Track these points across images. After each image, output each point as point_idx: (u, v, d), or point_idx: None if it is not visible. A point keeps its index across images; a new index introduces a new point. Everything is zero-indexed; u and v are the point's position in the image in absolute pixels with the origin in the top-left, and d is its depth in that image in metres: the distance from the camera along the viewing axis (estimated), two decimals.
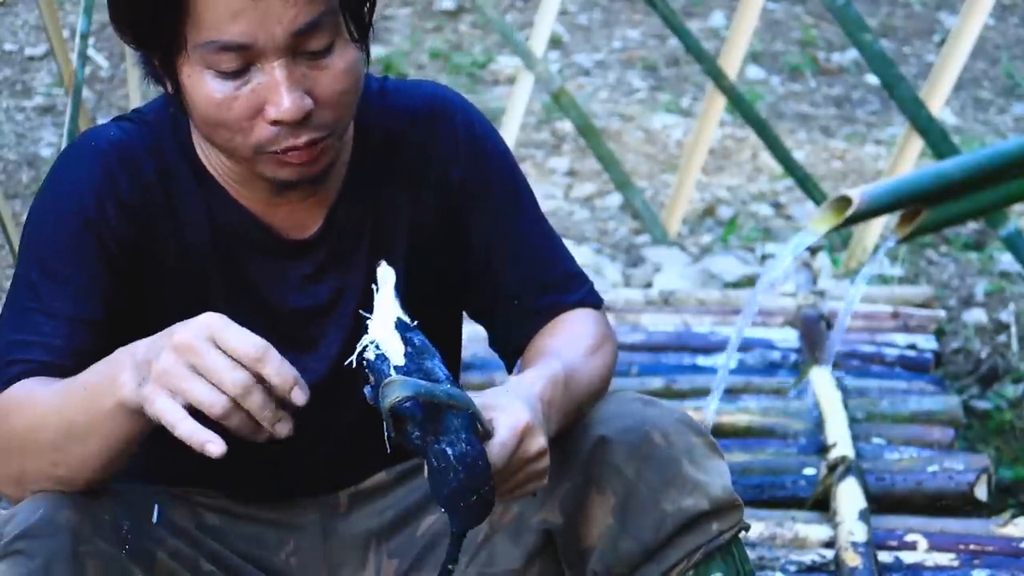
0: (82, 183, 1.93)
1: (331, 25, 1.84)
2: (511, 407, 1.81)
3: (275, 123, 1.84)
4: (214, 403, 1.68)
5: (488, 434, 1.78)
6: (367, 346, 1.77)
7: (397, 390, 1.73)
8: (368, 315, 1.79)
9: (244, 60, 1.82)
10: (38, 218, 1.95)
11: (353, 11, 1.87)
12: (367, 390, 1.76)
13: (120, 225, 1.93)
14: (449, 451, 1.75)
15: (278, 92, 1.83)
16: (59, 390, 1.81)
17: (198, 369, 1.69)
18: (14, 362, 1.87)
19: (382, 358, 1.75)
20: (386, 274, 1.82)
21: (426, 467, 1.76)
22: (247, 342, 1.69)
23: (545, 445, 1.83)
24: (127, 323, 1.94)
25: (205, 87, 1.84)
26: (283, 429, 1.72)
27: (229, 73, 1.83)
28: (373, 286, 1.80)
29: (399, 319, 1.78)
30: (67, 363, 1.88)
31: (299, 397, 1.72)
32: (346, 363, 1.78)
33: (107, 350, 1.91)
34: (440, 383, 1.75)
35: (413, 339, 1.77)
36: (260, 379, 1.70)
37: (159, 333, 1.74)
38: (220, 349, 1.69)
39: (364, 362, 1.76)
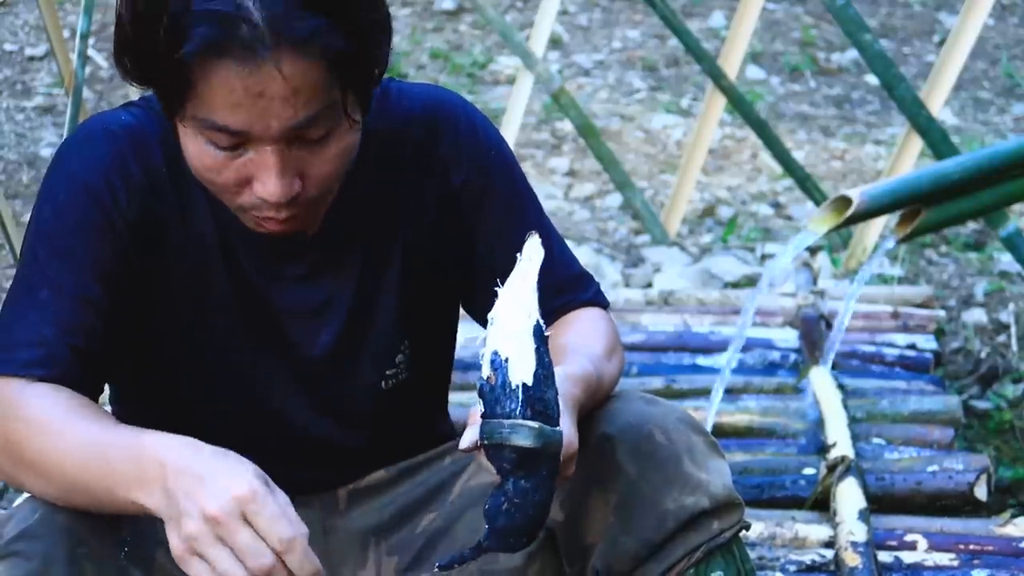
0: (93, 164, 1.92)
1: (331, 115, 1.83)
2: (566, 425, 1.81)
3: (260, 197, 1.85)
4: (236, 575, 1.68)
5: None
6: (487, 338, 1.72)
7: (525, 439, 1.71)
8: (500, 286, 1.74)
9: (239, 140, 1.82)
10: (47, 197, 1.94)
11: (357, 98, 1.86)
12: (481, 382, 1.74)
13: (129, 207, 1.92)
14: (531, 494, 1.74)
15: (268, 174, 1.82)
16: (81, 447, 1.78)
17: (226, 543, 1.68)
18: (23, 343, 1.86)
19: (509, 363, 1.72)
20: (534, 250, 1.76)
21: (500, 493, 1.75)
22: (276, 528, 1.68)
23: (573, 471, 1.84)
24: (134, 308, 1.94)
25: (198, 148, 1.84)
26: None
27: (222, 146, 1.83)
28: (517, 255, 1.76)
29: (538, 323, 1.73)
30: (74, 342, 1.87)
31: None
32: (476, 342, 1.75)
33: (113, 334, 1.91)
34: (554, 420, 1.73)
35: (544, 357, 1.73)
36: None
37: (189, 449, 1.72)
38: (250, 525, 1.68)
39: (487, 350, 1.73)
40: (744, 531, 2.00)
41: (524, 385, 1.72)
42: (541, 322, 1.74)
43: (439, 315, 2.12)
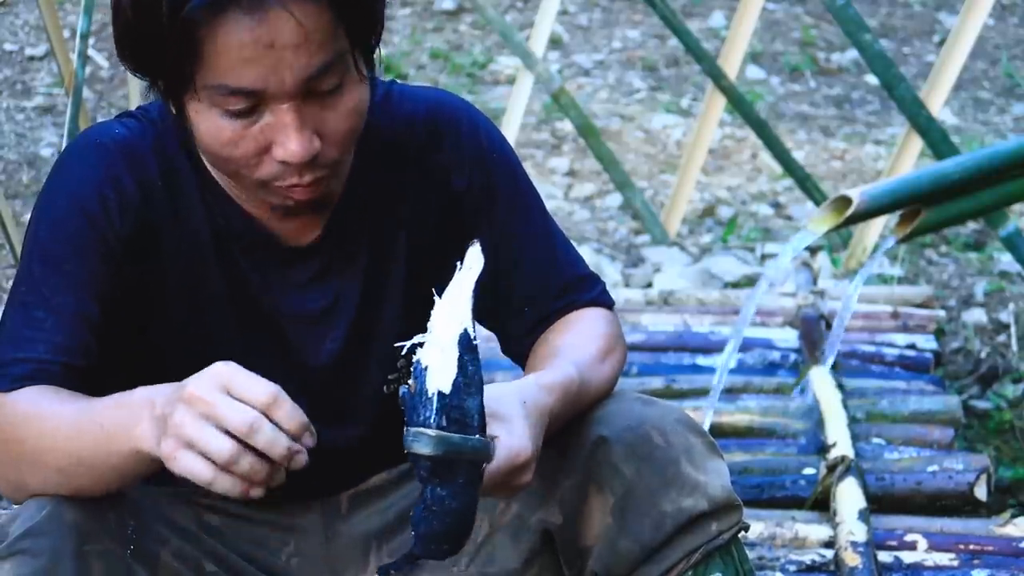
0: (86, 180, 1.92)
1: (340, 66, 1.82)
2: (517, 433, 1.80)
3: (282, 162, 1.84)
4: (221, 448, 1.66)
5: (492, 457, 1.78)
6: (418, 346, 1.73)
7: (425, 446, 1.71)
8: (438, 297, 1.75)
9: (254, 101, 1.80)
10: (42, 214, 1.94)
11: (364, 49, 1.86)
12: (403, 389, 1.74)
13: (123, 223, 1.92)
14: (447, 500, 1.74)
15: (287, 134, 1.81)
16: (73, 418, 1.80)
17: (209, 418, 1.67)
18: (16, 360, 1.87)
19: (428, 371, 1.72)
20: (475, 259, 1.76)
21: (420, 500, 1.76)
22: (257, 387, 1.68)
23: (530, 479, 1.83)
24: (129, 321, 1.94)
25: (213, 124, 1.83)
26: (300, 461, 1.71)
27: (237, 112, 1.81)
28: (457, 263, 1.76)
29: (465, 332, 1.73)
30: (69, 360, 1.87)
31: (308, 441, 1.71)
32: (397, 345, 1.75)
33: (109, 348, 1.91)
34: (472, 429, 1.73)
35: (468, 366, 1.73)
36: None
37: (176, 384, 1.73)
38: (232, 397, 1.68)
39: (410, 360, 1.73)
40: (743, 532, 1.99)
41: (440, 393, 1.71)
42: (470, 331, 1.74)
43: None
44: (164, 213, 1.95)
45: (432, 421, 1.72)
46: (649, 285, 4.54)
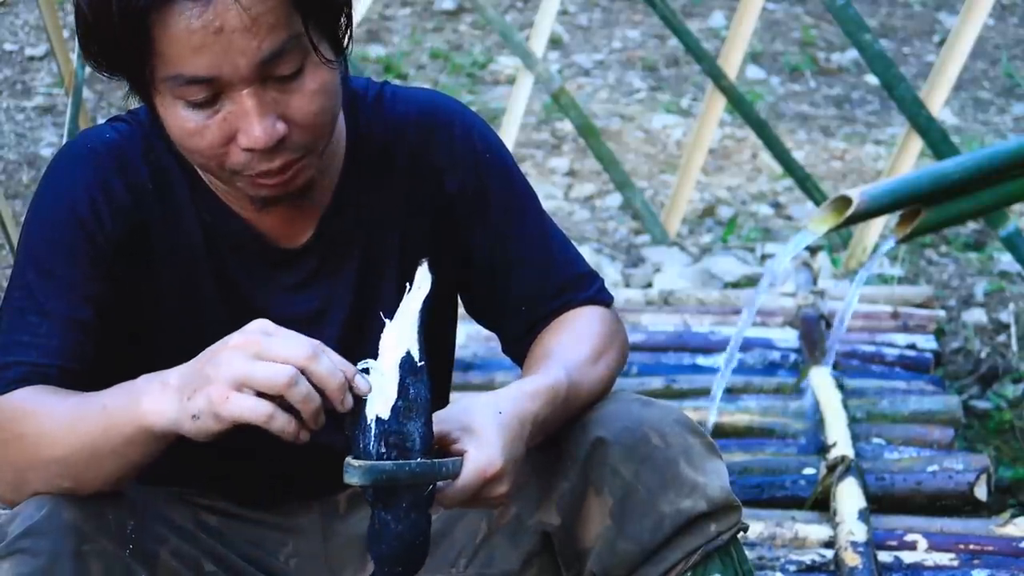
0: (77, 185, 1.93)
1: (298, 49, 1.82)
2: (487, 446, 1.80)
3: (248, 150, 1.84)
4: (278, 372, 1.68)
5: (455, 473, 1.78)
6: (364, 371, 1.74)
7: (354, 477, 1.72)
8: (389, 319, 1.76)
9: (212, 90, 1.81)
10: (34, 220, 1.95)
11: (323, 33, 1.85)
12: (345, 417, 1.75)
13: (114, 227, 1.92)
14: (392, 524, 1.75)
15: (248, 120, 1.81)
16: (72, 408, 1.81)
17: (261, 356, 1.70)
18: (10, 364, 1.87)
19: (368, 398, 1.73)
20: (423, 279, 1.77)
21: (370, 523, 1.77)
22: (301, 339, 1.71)
23: (507, 491, 1.83)
24: (123, 323, 1.94)
25: (177, 117, 1.83)
26: (361, 385, 1.73)
27: (199, 103, 1.82)
28: (407, 284, 1.77)
29: (407, 355, 1.74)
30: (63, 364, 1.88)
31: (362, 385, 1.73)
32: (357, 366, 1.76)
33: (103, 351, 1.91)
34: (413, 453, 1.73)
35: (409, 389, 1.73)
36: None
37: (192, 360, 1.75)
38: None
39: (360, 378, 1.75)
40: (742, 533, 1.99)
41: (378, 419, 1.72)
42: (415, 353, 1.74)
43: (438, 318, 2.12)
44: (155, 216, 1.96)
45: (371, 448, 1.72)
46: (649, 285, 4.54)
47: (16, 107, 5.73)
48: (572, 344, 2.02)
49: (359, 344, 2.02)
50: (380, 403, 1.73)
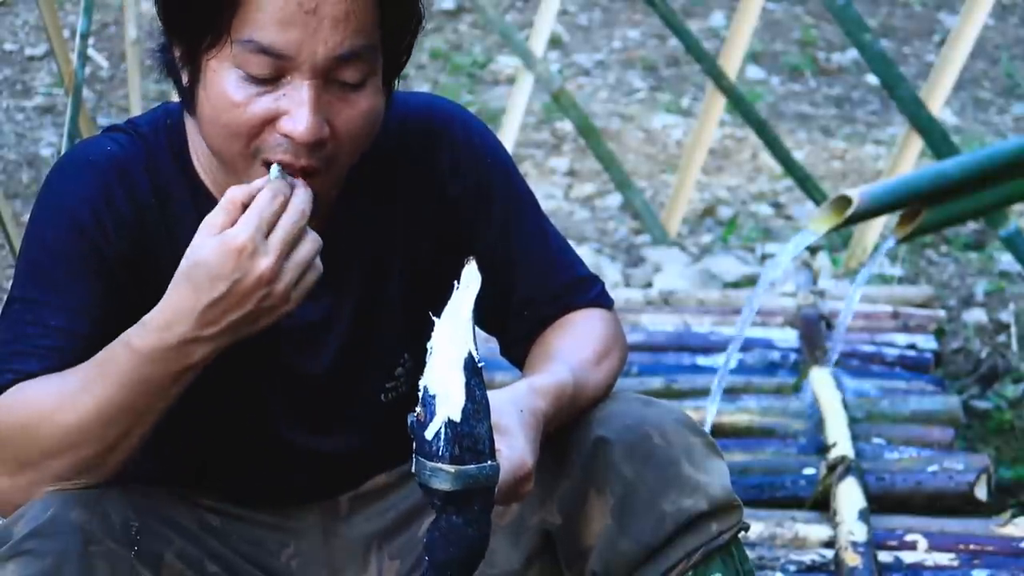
0: (79, 198, 1.91)
1: (369, 60, 1.83)
2: (518, 446, 1.81)
3: (285, 136, 1.83)
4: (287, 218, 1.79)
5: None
6: (417, 367, 1.73)
7: (443, 482, 1.70)
8: (437, 318, 1.73)
9: (276, 69, 1.81)
10: (35, 231, 1.93)
11: (392, 52, 1.86)
12: (411, 418, 1.73)
13: (116, 240, 1.91)
14: (464, 528, 1.74)
15: (302, 110, 1.81)
16: (72, 375, 1.82)
17: (254, 254, 1.78)
18: (10, 371, 1.87)
19: (436, 399, 1.70)
20: (471, 278, 1.74)
21: (434, 528, 1.75)
22: (237, 226, 1.79)
23: (531, 488, 1.84)
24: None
25: (226, 84, 1.82)
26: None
27: (256, 78, 1.81)
28: (455, 283, 1.75)
29: (470, 355, 1.71)
30: None
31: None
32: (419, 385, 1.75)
33: None
34: (484, 455, 1.72)
35: (475, 391, 1.71)
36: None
37: (174, 298, 1.81)
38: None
39: (408, 369, 1.73)
40: (743, 532, 1.99)
41: (451, 422, 1.70)
42: (474, 353, 1.72)
43: None
44: (157, 228, 1.94)
45: (445, 452, 1.70)
46: (649, 285, 4.54)
47: (16, 107, 5.73)
48: (575, 345, 2.02)
49: (364, 351, 2.02)
50: (450, 406, 1.70)
